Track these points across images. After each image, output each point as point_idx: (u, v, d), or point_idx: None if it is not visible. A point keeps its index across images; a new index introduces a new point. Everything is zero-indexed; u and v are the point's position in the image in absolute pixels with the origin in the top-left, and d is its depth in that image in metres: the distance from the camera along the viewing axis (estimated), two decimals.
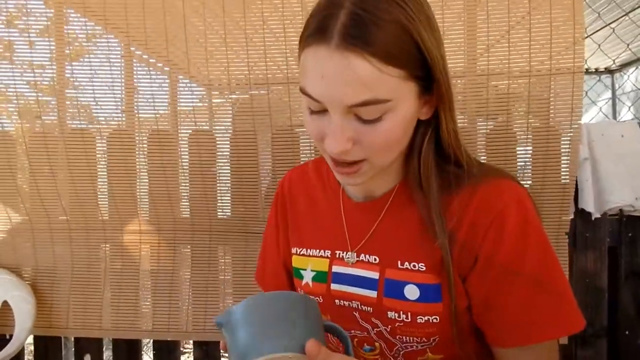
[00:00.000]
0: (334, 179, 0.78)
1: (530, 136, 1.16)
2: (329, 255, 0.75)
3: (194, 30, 1.22)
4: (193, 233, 1.29)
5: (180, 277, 1.31)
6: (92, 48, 1.27)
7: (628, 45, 2.91)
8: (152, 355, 1.41)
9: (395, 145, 0.62)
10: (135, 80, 1.27)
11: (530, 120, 1.16)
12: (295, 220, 0.82)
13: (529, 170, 1.17)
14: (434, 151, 0.67)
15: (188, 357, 2.88)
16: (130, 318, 1.32)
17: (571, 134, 1.14)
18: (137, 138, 1.28)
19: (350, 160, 0.61)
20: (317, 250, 0.76)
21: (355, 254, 0.72)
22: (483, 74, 1.15)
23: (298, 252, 0.80)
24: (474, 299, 0.67)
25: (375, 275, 0.69)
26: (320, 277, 0.75)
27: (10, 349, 1.24)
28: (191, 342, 1.44)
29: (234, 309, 0.55)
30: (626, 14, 3.35)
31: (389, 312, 0.68)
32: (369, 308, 0.70)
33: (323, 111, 0.60)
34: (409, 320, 0.66)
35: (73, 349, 1.42)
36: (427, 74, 0.60)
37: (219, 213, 1.29)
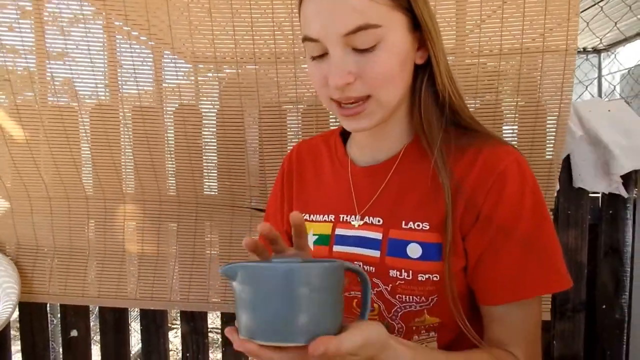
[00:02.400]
0: (342, 149, 0.82)
1: (517, 115, 1.16)
2: (333, 220, 0.77)
3: (177, 1, 1.18)
4: (179, 209, 1.29)
5: (166, 252, 1.31)
6: (72, 21, 1.23)
7: (616, 23, 2.90)
8: (139, 330, 1.42)
9: (394, 79, 0.66)
10: (117, 54, 1.24)
11: (517, 99, 1.16)
12: (302, 188, 0.84)
13: (515, 144, 1.18)
14: (434, 100, 0.71)
15: (176, 333, 2.91)
16: (115, 288, 1.33)
17: (559, 113, 1.14)
18: (121, 113, 1.25)
19: (355, 97, 0.65)
20: (321, 216, 0.78)
21: (360, 217, 0.74)
22: (474, 54, 1.14)
23: None
24: (471, 257, 0.69)
25: (378, 235, 0.71)
26: (323, 240, 0.76)
27: None
28: (178, 319, 1.44)
29: (257, 270, 0.53)
30: None
31: (390, 271, 0.69)
32: (371, 268, 0.71)
33: (323, 55, 0.65)
34: (410, 278, 0.68)
35: (60, 325, 1.42)
36: (413, 11, 0.65)
37: (205, 189, 1.28)
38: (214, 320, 2.90)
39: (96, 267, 1.33)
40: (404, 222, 0.70)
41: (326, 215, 0.78)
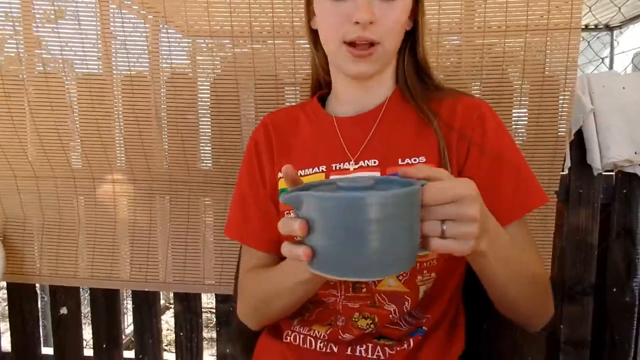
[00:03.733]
0: (322, 110, 0.84)
1: (525, 94, 1.12)
2: (324, 170, 0.77)
3: None
4: (170, 186, 1.23)
5: (158, 231, 1.26)
6: None
7: None
8: (131, 309, 1.38)
9: (399, 32, 0.74)
10: (111, 23, 1.17)
11: (524, 78, 1.11)
12: (284, 152, 0.82)
13: (523, 125, 1.13)
14: (414, 63, 0.80)
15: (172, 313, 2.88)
16: (107, 268, 1.28)
17: (563, 91, 1.09)
18: (113, 84, 1.19)
19: (370, 39, 0.70)
20: (311, 169, 0.77)
21: (354, 162, 0.76)
22: (480, 32, 1.10)
23: None
24: None
25: (376, 174, 0.74)
26: None
27: None
28: (171, 296, 1.40)
29: (327, 201, 0.47)
30: None
31: None
32: None
33: None
34: None
35: (49, 303, 1.39)
36: None
37: (200, 164, 1.22)
38: (209, 300, 2.86)
39: (87, 247, 1.28)
40: (400, 160, 0.73)
41: (317, 167, 0.77)
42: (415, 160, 0.73)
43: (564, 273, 1.22)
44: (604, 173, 1.20)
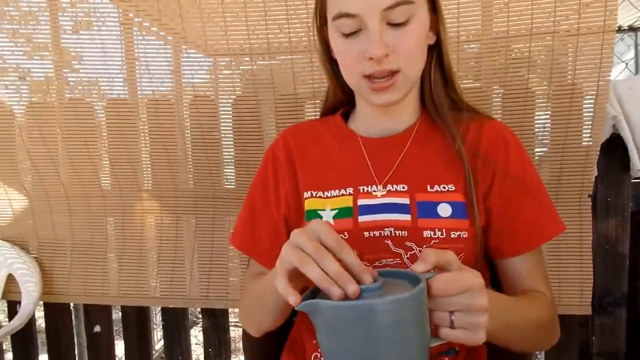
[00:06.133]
0: (347, 128, 0.83)
1: (550, 101, 1.08)
2: (352, 192, 0.76)
3: None
4: (196, 203, 1.26)
5: (184, 248, 1.28)
6: (87, 15, 1.22)
7: None
8: (161, 326, 1.41)
9: (420, 54, 0.72)
10: (135, 48, 1.22)
11: (550, 82, 1.07)
12: (306, 167, 0.81)
13: (547, 133, 1.10)
14: (442, 78, 0.78)
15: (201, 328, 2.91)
16: (135, 287, 1.31)
17: (596, 95, 1.05)
18: (138, 107, 1.23)
19: (388, 70, 0.68)
20: (337, 191, 0.77)
21: (382, 186, 0.75)
22: (501, 37, 1.06)
23: (314, 195, 0.78)
24: (494, 212, 0.74)
25: (406, 200, 0.73)
26: (345, 212, 0.75)
27: (18, 321, 1.25)
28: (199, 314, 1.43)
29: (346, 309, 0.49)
30: None
31: (424, 232, 0.71)
32: (403, 232, 0.71)
33: (356, 32, 0.68)
34: (444, 236, 0.70)
35: (83, 322, 1.43)
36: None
37: (224, 183, 1.25)
38: (236, 315, 2.88)
39: (115, 265, 1.31)
40: (429, 186, 0.73)
41: (343, 189, 0.76)
42: (444, 187, 0.73)
43: (594, 284, 1.20)
44: (633, 180, 1.17)
